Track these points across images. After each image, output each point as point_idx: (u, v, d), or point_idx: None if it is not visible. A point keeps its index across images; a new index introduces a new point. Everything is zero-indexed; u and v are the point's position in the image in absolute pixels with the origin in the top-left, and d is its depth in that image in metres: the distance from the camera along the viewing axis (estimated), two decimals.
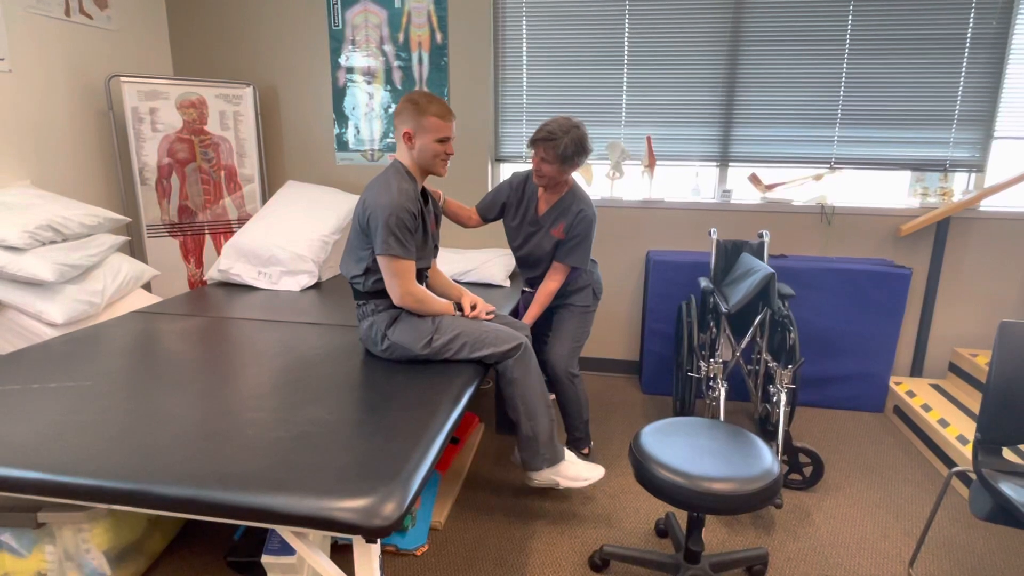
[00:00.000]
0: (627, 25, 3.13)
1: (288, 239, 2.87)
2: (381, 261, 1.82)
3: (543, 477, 2.05)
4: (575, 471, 2.04)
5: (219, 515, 1.20)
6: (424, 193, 1.99)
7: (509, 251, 3.20)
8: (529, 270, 2.44)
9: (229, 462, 1.30)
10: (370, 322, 1.93)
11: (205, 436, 1.41)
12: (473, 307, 2.06)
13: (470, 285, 2.99)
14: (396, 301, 1.87)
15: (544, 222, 2.30)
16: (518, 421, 1.98)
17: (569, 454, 2.07)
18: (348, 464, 1.30)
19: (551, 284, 2.30)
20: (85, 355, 1.93)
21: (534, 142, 2.14)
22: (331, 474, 1.26)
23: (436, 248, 2.06)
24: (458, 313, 2.02)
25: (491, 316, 2.08)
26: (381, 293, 1.92)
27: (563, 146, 2.08)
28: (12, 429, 1.45)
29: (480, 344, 1.89)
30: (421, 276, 2.02)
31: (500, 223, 3.41)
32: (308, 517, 1.16)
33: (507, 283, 3.03)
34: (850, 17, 2.96)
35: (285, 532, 1.27)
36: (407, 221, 1.78)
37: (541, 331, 2.62)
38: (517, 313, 2.73)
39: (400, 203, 1.77)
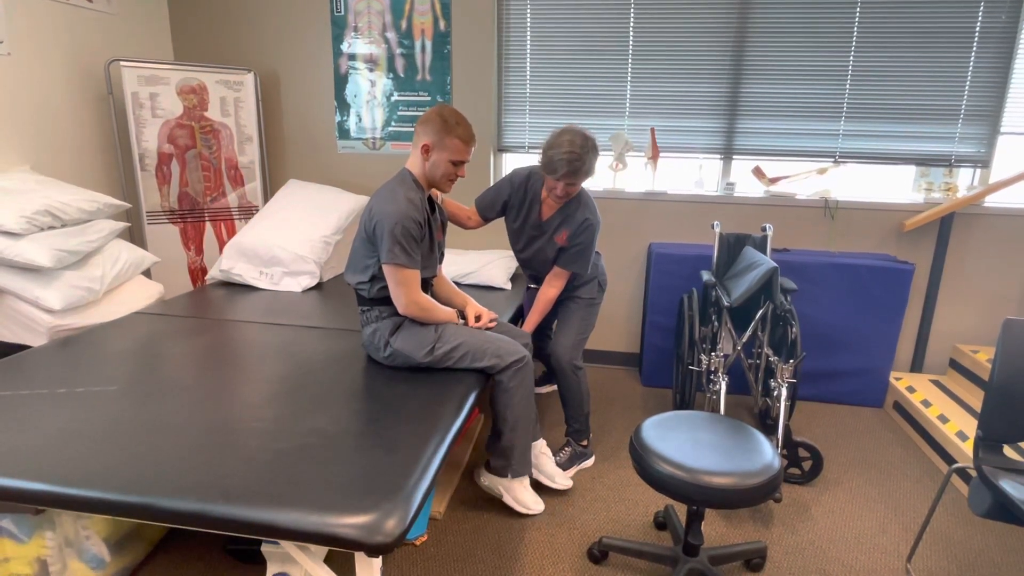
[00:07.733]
0: (632, 15, 3.10)
1: (289, 239, 2.84)
2: (386, 270, 1.81)
3: (493, 483, 2.10)
4: (523, 497, 2.09)
5: (222, 528, 1.21)
6: (431, 201, 1.98)
7: (511, 253, 3.18)
8: (532, 270, 2.43)
9: (232, 475, 1.30)
10: (373, 328, 1.93)
11: (208, 447, 1.41)
12: (478, 318, 2.07)
13: (471, 287, 2.98)
14: (401, 310, 1.87)
15: (547, 228, 2.27)
16: (501, 428, 2.00)
17: (525, 478, 2.10)
18: (350, 478, 1.30)
19: (551, 291, 2.29)
20: (86, 359, 1.92)
21: (560, 176, 2.04)
22: (333, 489, 1.26)
23: (442, 256, 2.06)
24: (461, 322, 2.02)
25: (493, 324, 2.09)
26: (386, 300, 1.91)
27: (588, 165, 2.06)
28: (13, 437, 1.44)
29: (482, 354, 1.90)
30: (427, 285, 2.01)
31: (501, 222, 3.39)
32: (311, 533, 1.17)
33: (508, 286, 3.01)
34: (857, 10, 2.93)
35: (286, 544, 1.27)
36: (413, 231, 1.78)
37: (545, 322, 2.62)
38: (523, 311, 2.72)
39: (406, 212, 1.76)
